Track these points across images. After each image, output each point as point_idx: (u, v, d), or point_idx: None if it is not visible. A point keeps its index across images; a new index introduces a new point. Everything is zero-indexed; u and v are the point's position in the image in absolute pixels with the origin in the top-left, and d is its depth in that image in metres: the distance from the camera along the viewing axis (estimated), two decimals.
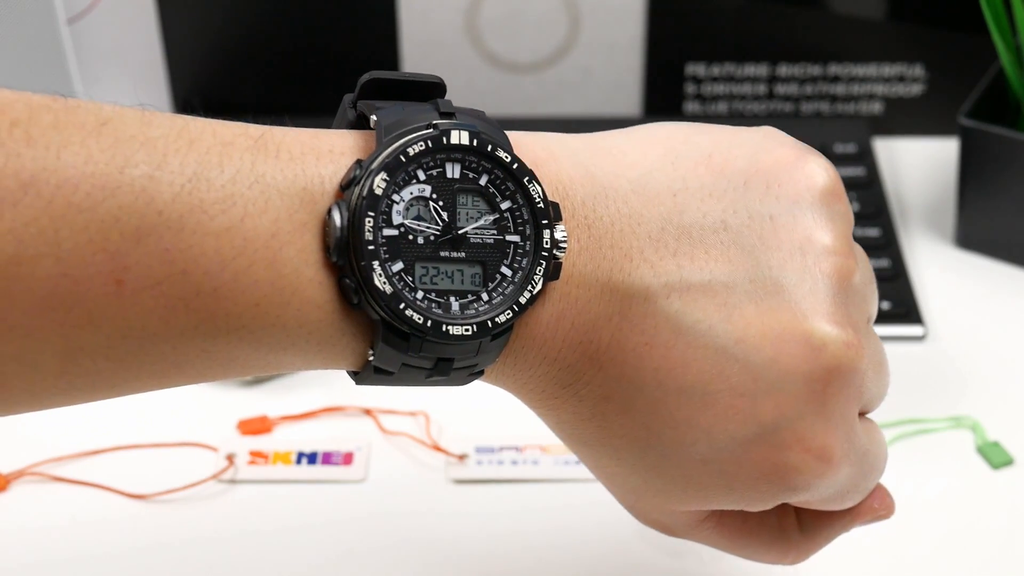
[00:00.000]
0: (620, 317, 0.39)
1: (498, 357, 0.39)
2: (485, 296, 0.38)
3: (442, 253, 0.38)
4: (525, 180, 0.38)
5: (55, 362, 0.34)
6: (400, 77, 0.39)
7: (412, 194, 0.37)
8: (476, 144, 0.38)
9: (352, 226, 0.36)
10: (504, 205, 0.38)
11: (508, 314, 0.38)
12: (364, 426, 0.63)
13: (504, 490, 0.59)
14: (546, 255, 0.38)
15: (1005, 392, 0.65)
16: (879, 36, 0.79)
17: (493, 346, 0.38)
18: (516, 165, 0.38)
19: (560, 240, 0.38)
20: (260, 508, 0.59)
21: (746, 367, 0.39)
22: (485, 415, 0.60)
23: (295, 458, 0.61)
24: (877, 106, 0.82)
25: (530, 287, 0.38)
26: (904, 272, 0.71)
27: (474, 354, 0.38)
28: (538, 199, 0.38)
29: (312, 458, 0.61)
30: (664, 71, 0.80)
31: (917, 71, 0.80)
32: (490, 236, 0.38)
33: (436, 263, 0.37)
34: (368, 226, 0.36)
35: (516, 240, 0.38)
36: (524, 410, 0.42)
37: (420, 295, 0.37)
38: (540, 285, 0.38)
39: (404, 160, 0.37)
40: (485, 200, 0.38)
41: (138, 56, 0.77)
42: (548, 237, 0.38)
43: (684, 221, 0.40)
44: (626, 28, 0.78)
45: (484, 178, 0.38)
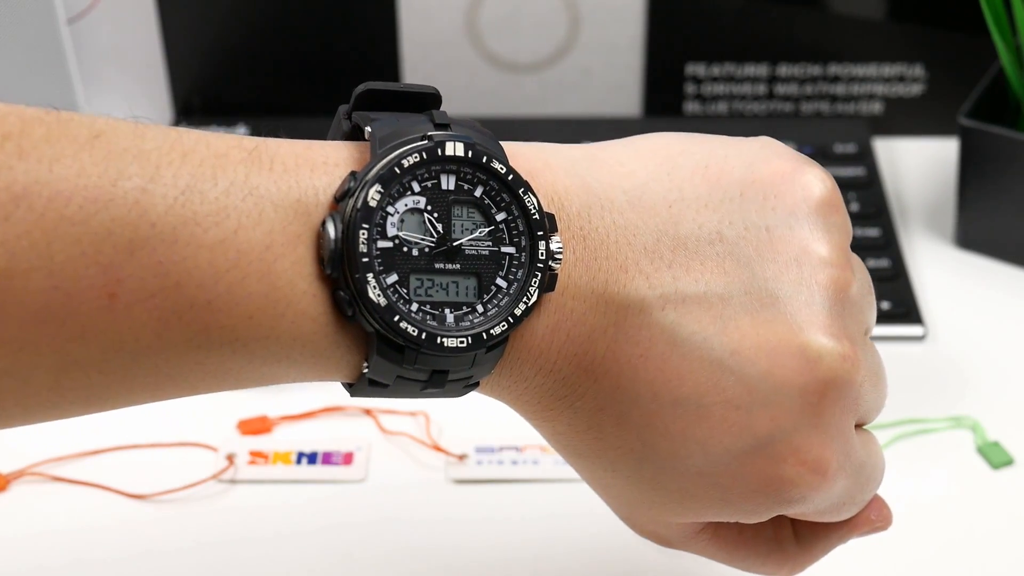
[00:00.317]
0: (615, 329, 0.39)
1: (493, 369, 0.39)
2: (480, 308, 0.38)
3: (437, 265, 0.37)
4: (520, 191, 0.38)
5: (48, 376, 0.34)
6: (395, 88, 0.39)
7: (407, 206, 0.37)
8: (471, 155, 0.38)
9: (346, 238, 0.36)
10: (499, 216, 0.38)
11: (503, 326, 0.38)
12: (364, 426, 0.63)
13: (504, 490, 0.59)
14: (541, 267, 0.38)
15: (1005, 392, 0.65)
16: (879, 36, 0.79)
17: (488, 358, 0.38)
18: (511, 176, 0.38)
19: (556, 251, 0.38)
20: (260, 508, 0.59)
21: (741, 379, 0.39)
22: (485, 415, 0.60)
23: (295, 458, 0.61)
24: (877, 106, 0.82)
25: (525, 299, 0.38)
26: (904, 272, 0.71)
27: (469, 366, 0.38)
28: (533, 210, 0.38)
29: (312, 458, 0.61)
30: (664, 71, 0.80)
31: (917, 71, 0.80)
32: (485, 248, 0.38)
33: (431, 275, 0.37)
34: (362, 238, 0.36)
35: (511, 252, 0.38)
36: None
37: (415, 307, 0.37)
38: (535, 297, 0.38)
39: (399, 172, 0.37)
40: (480, 212, 0.38)
41: (138, 56, 0.77)
42: (544, 248, 0.38)
43: (680, 232, 0.39)
44: (626, 28, 0.78)
45: (479, 189, 0.38)
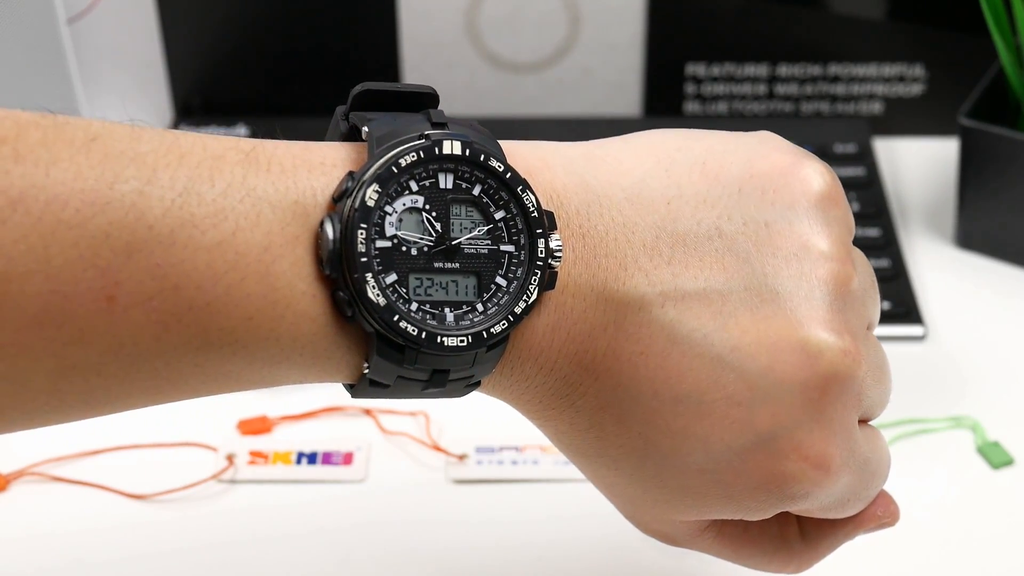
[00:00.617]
0: (615, 327, 0.39)
1: (494, 368, 0.39)
2: (480, 307, 0.38)
3: (436, 264, 0.37)
4: (519, 189, 0.38)
5: (46, 380, 0.34)
6: (392, 88, 0.39)
7: (405, 205, 0.37)
8: (469, 154, 0.38)
9: (345, 238, 0.36)
10: (498, 215, 0.38)
11: (503, 324, 0.37)
12: (364, 426, 0.63)
13: (504, 490, 0.59)
14: (541, 264, 0.38)
15: (1005, 392, 0.65)
16: (879, 36, 0.79)
17: (489, 357, 0.38)
18: (509, 175, 0.38)
19: (555, 249, 0.38)
20: (260, 508, 0.59)
21: (742, 376, 0.39)
22: (485, 415, 0.60)
23: (295, 458, 0.61)
24: (877, 106, 0.82)
25: (525, 297, 0.38)
26: (904, 272, 0.71)
27: (470, 365, 0.38)
28: (532, 208, 0.38)
29: (312, 458, 0.61)
30: (664, 71, 0.80)
31: (917, 71, 0.80)
32: (484, 246, 0.38)
33: (430, 274, 0.37)
34: (361, 238, 0.36)
35: (511, 250, 0.38)
36: None
37: (414, 307, 0.37)
38: (535, 295, 0.38)
39: (396, 171, 0.37)
40: (479, 210, 0.38)
41: (138, 56, 0.77)
42: (543, 247, 0.38)
43: (678, 229, 0.39)
44: (626, 28, 0.78)
45: (477, 188, 0.38)
